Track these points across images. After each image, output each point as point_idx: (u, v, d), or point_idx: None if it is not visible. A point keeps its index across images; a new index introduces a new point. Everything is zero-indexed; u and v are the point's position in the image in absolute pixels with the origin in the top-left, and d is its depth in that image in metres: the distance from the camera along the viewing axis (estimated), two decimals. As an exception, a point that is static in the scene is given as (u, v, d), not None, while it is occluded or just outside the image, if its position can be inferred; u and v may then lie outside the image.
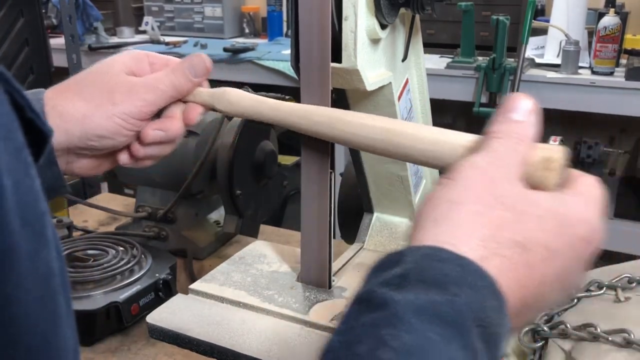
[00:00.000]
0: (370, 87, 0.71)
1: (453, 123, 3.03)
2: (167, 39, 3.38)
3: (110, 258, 0.91)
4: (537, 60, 2.57)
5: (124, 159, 0.66)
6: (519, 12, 2.65)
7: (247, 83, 1.05)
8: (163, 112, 0.65)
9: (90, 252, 0.93)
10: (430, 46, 2.67)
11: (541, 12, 2.81)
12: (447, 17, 2.74)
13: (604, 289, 0.80)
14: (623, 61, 2.46)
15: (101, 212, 1.17)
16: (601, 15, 2.39)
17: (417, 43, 0.87)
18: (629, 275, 0.80)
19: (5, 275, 0.27)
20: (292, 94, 0.71)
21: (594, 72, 2.40)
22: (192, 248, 1.07)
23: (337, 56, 0.68)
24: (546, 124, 0.45)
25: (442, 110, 2.89)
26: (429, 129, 0.55)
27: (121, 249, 0.94)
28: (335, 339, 0.34)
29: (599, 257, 0.43)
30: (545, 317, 0.78)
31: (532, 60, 2.56)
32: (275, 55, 2.90)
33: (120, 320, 0.84)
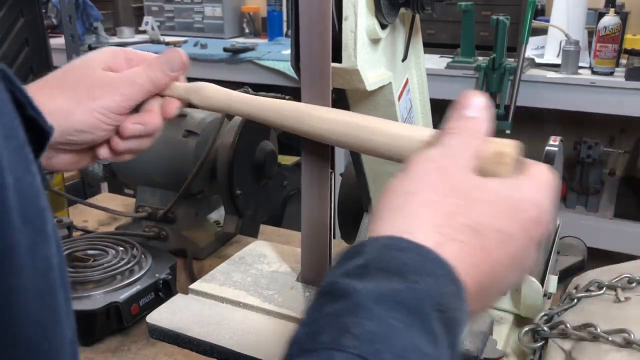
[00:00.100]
0: (370, 87, 0.71)
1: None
2: (167, 39, 3.39)
3: (110, 258, 0.91)
4: (537, 60, 2.57)
5: (103, 153, 0.66)
6: (519, 12, 2.64)
7: (247, 83, 1.05)
8: (141, 106, 0.66)
9: (90, 252, 0.93)
10: (430, 46, 2.67)
11: (541, 12, 2.81)
12: (447, 17, 2.73)
13: (604, 289, 0.80)
14: (623, 61, 2.46)
15: (101, 212, 1.17)
16: (601, 15, 2.38)
17: (417, 43, 0.87)
18: (629, 275, 0.80)
19: (7, 271, 0.27)
20: (292, 94, 0.71)
21: (594, 72, 2.40)
22: (192, 248, 1.07)
23: (337, 56, 0.68)
24: (546, 124, 0.45)
25: (442, 110, 2.88)
26: (390, 123, 0.57)
27: (121, 249, 0.94)
28: (301, 330, 0.35)
29: (599, 257, 0.43)
30: (545, 317, 0.78)
31: (532, 60, 2.56)
32: (275, 55, 2.90)
33: (120, 320, 0.84)
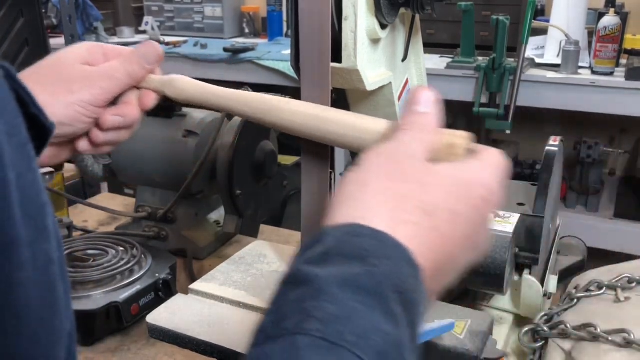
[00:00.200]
0: (370, 87, 0.71)
1: (453, 123, 3.03)
2: (167, 39, 3.38)
3: (110, 258, 0.91)
4: (537, 60, 2.57)
5: (83, 146, 0.67)
6: (519, 12, 2.65)
7: (247, 83, 1.05)
8: (119, 99, 0.67)
9: (90, 252, 0.93)
10: (430, 46, 2.67)
11: (541, 12, 2.81)
12: (447, 17, 2.73)
13: (604, 289, 0.80)
14: (623, 61, 2.46)
15: (101, 212, 1.17)
16: (601, 15, 2.38)
17: (417, 43, 0.87)
18: (629, 275, 0.80)
19: (8, 264, 0.28)
20: (292, 94, 0.71)
21: (594, 72, 2.39)
22: (192, 248, 1.07)
23: (337, 56, 0.68)
24: (546, 124, 0.45)
25: (442, 111, 2.89)
26: (351, 115, 0.59)
27: (121, 249, 0.94)
28: (266, 319, 0.36)
29: (599, 257, 0.43)
30: (545, 317, 0.78)
31: (532, 60, 2.56)
32: (275, 55, 2.90)
33: (120, 320, 0.84)
